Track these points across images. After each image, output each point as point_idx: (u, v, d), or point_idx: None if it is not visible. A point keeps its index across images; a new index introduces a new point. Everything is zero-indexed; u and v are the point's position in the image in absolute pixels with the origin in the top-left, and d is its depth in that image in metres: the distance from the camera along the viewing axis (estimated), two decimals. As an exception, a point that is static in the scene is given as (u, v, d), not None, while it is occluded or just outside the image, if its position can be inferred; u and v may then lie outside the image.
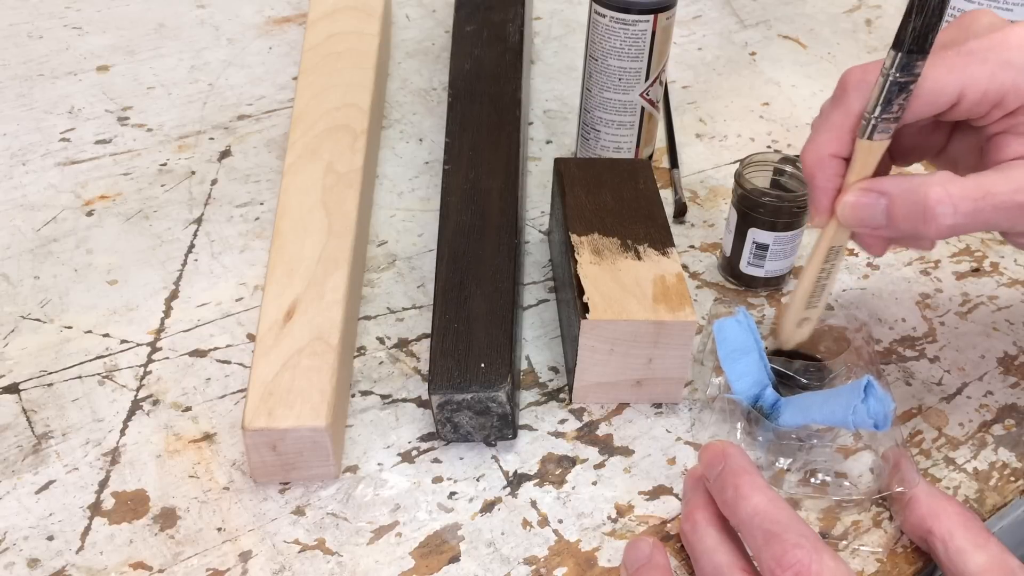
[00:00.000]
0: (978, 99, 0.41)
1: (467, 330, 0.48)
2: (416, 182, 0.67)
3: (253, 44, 0.81)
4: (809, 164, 0.44)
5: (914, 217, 0.41)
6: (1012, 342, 0.56)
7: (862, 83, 0.42)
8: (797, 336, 0.48)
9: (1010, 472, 0.48)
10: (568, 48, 0.83)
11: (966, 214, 0.40)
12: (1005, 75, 0.40)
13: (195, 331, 0.54)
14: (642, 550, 0.42)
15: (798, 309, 0.47)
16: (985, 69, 0.41)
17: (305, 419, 0.44)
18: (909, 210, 0.41)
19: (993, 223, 0.41)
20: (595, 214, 0.53)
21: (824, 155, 0.43)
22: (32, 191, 0.64)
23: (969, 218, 0.40)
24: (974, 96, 0.41)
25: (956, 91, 0.41)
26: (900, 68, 0.40)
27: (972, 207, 0.40)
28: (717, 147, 0.71)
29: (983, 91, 0.41)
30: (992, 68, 0.41)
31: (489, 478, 0.47)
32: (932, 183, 0.40)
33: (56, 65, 0.76)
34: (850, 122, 0.43)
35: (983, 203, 0.40)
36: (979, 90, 0.41)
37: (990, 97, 0.41)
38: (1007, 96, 0.41)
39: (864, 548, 0.45)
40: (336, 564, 0.43)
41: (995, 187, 0.40)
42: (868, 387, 0.44)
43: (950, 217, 0.40)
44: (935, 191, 0.40)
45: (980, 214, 0.40)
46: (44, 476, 0.46)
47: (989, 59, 0.41)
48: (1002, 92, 0.41)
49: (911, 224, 0.41)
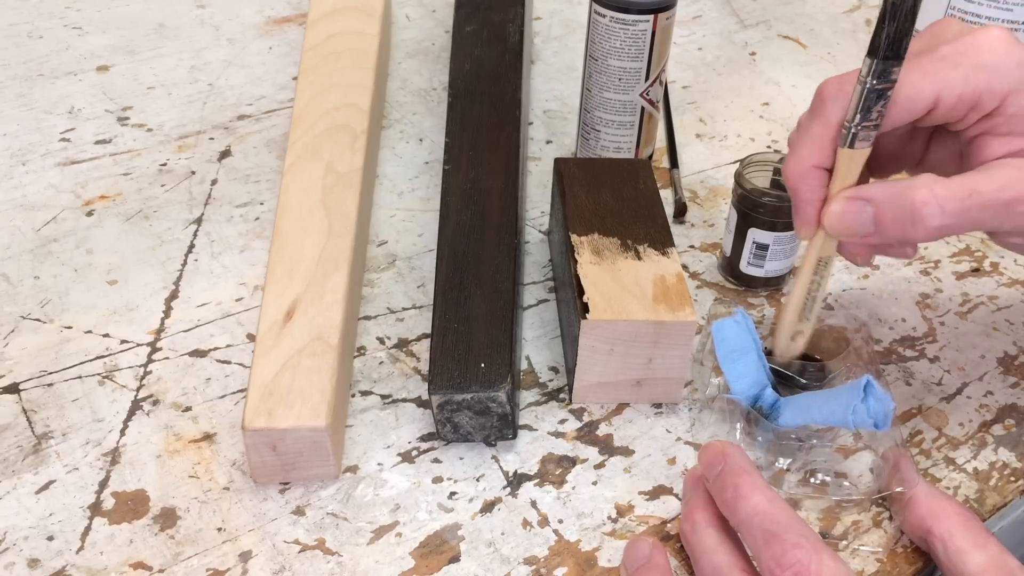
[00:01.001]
0: (954, 103, 0.41)
1: (467, 330, 0.48)
2: (416, 182, 0.67)
3: (253, 44, 0.81)
4: (792, 177, 0.44)
5: (902, 221, 0.41)
6: (1012, 342, 0.56)
7: (839, 93, 0.42)
8: (791, 350, 0.49)
9: (1010, 472, 0.48)
10: (568, 48, 0.83)
11: (953, 214, 0.40)
12: (978, 78, 0.41)
13: (195, 331, 0.54)
14: (642, 550, 0.42)
15: (790, 323, 0.48)
16: (959, 73, 0.41)
17: (305, 419, 0.44)
18: (896, 214, 0.41)
19: (980, 222, 0.41)
20: (595, 214, 0.53)
21: (806, 167, 0.43)
22: (32, 191, 0.64)
23: (956, 218, 0.40)
24: (950, 100, 0.41)
25: (932, 96, 0.41)
26: (877, 75, 0.40)
27: (959, 207, 0.40)
28: (717, 147, 0.71)
29: (958, 94, 0.41)
30: (965, 71, 0.41)
31: (489, 478, 0.47)
32: (917, 186, 0.41)
33: (56, 65, 0.76)
34: (830, 133, 0.43)
35: (969, 202, 0.40)
36: (954, 93, 0.41)
37: (966, 100, 0.41)
38: (982, 98, 0.41)
39: (864, 548, 0.45)
40: (336, 564, 0.43)
41: (980, 186, 0.40)
42: (868, 387, 0.44)
43: (937, 218, 0.40)
44: (921, 193, 0.40)
45: (967, 214, 0.40)
46: (44, 476, 0.46)
47: (961, 63, 0.41)
48: (977, 94, 0.41)
49: (899, 228, 0.41)
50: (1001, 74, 0.41)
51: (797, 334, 0.48)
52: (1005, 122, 0.41)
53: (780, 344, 0.48)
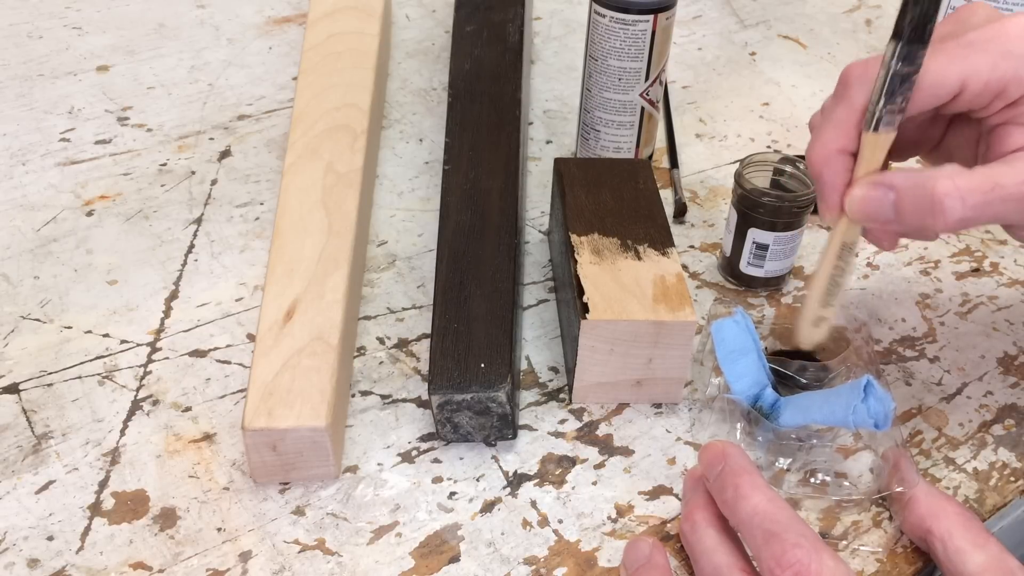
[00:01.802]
0: (980, 89, 0.41)
1: (467, 330, 0.48)
2: (416, 182, 0.67)
3: (253, 44, 0.81)
4: (816, 162, 0.43)
5: (922, 211, 0.41)
6: (1012, 342, 0.56)
7: (864, 77, 0.42)
8: (815, 336, 0.47)
9: (1010, 472, 0.48)
10: (568, 48, 0.83)
11: (974, 207, 0.40)
12: (1007, 64, 0.40)
13: (195, 331, 0.54)
14: (642, 550, 0.42)
15: (814, 308, 0.47)
16: (986, 59, 0.40)
17: (305, 419, 0.44)
18: (917, 204, 0.41)
19: (1002, 215, 0.41)
20: (595, 214, 0.53)
21: (831, 151, 0.43)
22: (32, 191, 0.64)
23: (978, 211, 0.40)
24: (976, 86, 0.41)
25: (958, 81, 0.41)
26: (901, 59, 0.40)
27: (981, 199, 0.40)
28: (717, 147, 0.71)
29: (985, 81, 0.40)
30: (993, 58, 0.40)
31: (489, 478, 0.47)
32: (940, 176, 0.40)
33: (56, 65, 0.76)
34: (855, 116, 0.42)
35: (992, 195, 0.40)
36: (981, 80, 0.40)
37: (992, 87, 0.41)
38: (1009, 86, 0.41)
39: (864, 548, 0.45)
40: (336, 564, 0.43)
41: (1003, 179, 0.40)
42: (868, 387, 0.44)
43: (959, 210, 0.40)
44: (943, 184, 0.40)
45: (989, 206, 0.40)
46: (44, 476, 0.46)
47: (990, 49, 0.40)
48: (1004, 82, 0.40)
49: (919, 217, 0.41)
50: None
51: (820, 320, 0.47)
52: None
53: (803, 330, 0.47)
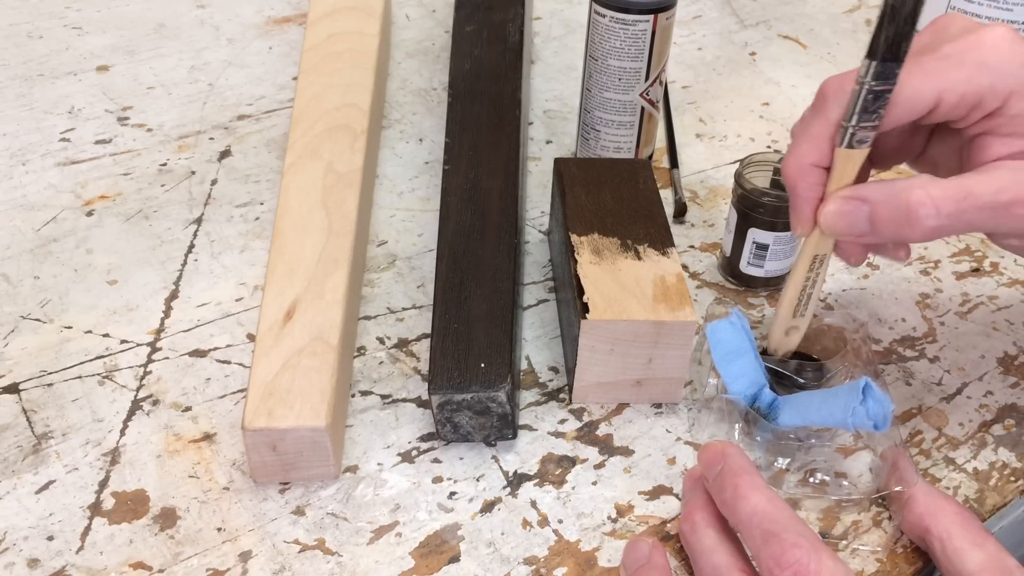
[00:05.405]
0: (956, 102, 0.41)
1: (467, 330, 0.48)
2: (416, 182, 0.67)
3: (253, 44, 0.81)
4: (790, 174, 0.44)
5: (897, 221, 0.41)
6: (1012, 342, 0.56)
7: (840, 92, 0.42)
8: (786, 345, 0.49)
9: (1010, 472, 0.48)
10: (568, 48, 0.83)
11: (949, 215, 0.40)
12: (982, 77, 0.41)
13: (195, 331, 0.54)
14: (641, 550, 0.42)
15: (784, 318, 0.48)
16: (962, 73, 0.41)
17: (305, 419, 0.44)
18: (892, 215, 0.41)
19: (976, 224, 0.41)
20: (595, 214, 0.53)
21: (805, 164, 0.43)
22: (32, 191, 0.64)
23: (952, 219, 0.40)
24: (952, 100, 0.41)
25: (934, 96, 0.41)
26: (875, 76, 0.40)
27: (954, 208, 0.40)
28: (717, 147, 0.71)
29: (961, 94, 0.41)
30: (969, 71, 0.41)
31: (489, 478, 0.47)
32: (913, 186, 0.41)
33: (56, 65, 0.76)
34: (829, 131, 0.43)
35: (965, 204, 0.40)
36: (957, 94, 0.41)
37: (968, 100, 0.41)
38: (985, 98, 0.41)
39: (864, 548, 0.45)
40: (336, 564, 0.43)
41: (977, 188, 0.40)
42: (866, 389, 0.44)
43: (933, 219, 0.40)
44: (917, 194, 0.40)
45: (963, 215, 0.40)
46: (44, 476, 0.46)
47: (965, 62, 0.41)
48: (979, 94, 0.41)
49: (895, 228, 0.41)
50: (1004, 74, 0.41)
51: (791, 329, 0.48)
52: (1007, 123, 0.41)
53: (775, 339, 0.49)
